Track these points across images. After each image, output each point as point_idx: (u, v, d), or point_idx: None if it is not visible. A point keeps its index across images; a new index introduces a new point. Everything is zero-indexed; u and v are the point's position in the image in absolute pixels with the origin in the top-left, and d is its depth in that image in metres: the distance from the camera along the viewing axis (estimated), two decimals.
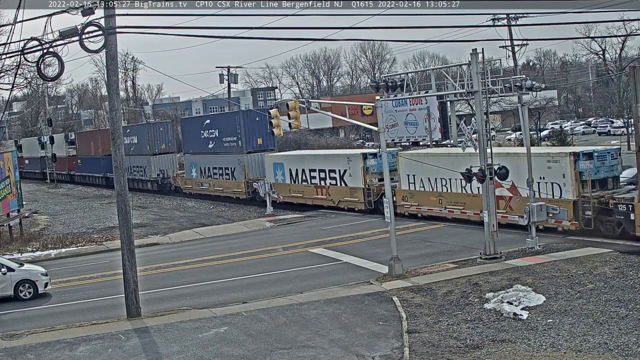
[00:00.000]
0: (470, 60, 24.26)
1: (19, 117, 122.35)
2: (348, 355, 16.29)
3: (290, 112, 26.99)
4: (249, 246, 32.35)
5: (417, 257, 26.11)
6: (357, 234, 32.52)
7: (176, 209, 50.82)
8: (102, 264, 30.83)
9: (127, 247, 21.09)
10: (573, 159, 27.06)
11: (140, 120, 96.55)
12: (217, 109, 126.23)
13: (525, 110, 26.17)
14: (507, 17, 58.62)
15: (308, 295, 21.92)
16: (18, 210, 41.37)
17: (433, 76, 27.43)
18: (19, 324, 21.65)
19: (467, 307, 19.19)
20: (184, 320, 20.02)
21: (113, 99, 21.25)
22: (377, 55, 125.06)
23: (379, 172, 35.50)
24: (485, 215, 24.53)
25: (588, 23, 62.07)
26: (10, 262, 25.73)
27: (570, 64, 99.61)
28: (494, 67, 28.31)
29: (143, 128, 62.70)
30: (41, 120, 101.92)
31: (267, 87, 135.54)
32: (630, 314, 17.20)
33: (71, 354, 17.89)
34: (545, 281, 20.66)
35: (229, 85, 75.03)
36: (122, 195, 21.10)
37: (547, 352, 15.41)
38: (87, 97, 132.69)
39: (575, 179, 26.92)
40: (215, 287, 24.75)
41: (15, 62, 30.45)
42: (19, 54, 20.21)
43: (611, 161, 27.65)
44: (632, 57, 77.04)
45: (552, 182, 27.72)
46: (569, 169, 27.03)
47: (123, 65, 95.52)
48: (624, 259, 22.33)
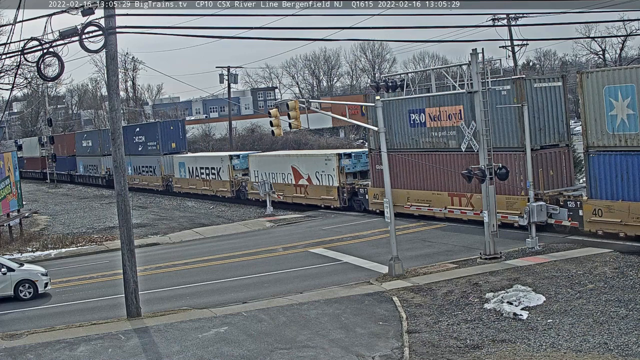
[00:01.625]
0: (470, 60, 24.25)
1: (19, 117, 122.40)
2: (348, 355, 16.30)
3: (290, 112, 26.98)
4: (249, 246, 32.35)
5: (417, 257, 26.12)
6: (357, 234, 32.53)
7: (176, 209, 50.84)
8: (102, 264, 30.84)
9: (127, 247, 21.09)
10: (338, 158, 39.54)
11: (140, 120, 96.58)
12: (217, 109, 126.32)
13: (525, 110, 26.18)
14: (507, 17, 58.50)
15: (308, 295, 21.93)
16: (18, 210, 41.39)
17: (433, 76, 27.42)
18: (19, 324, 21.66)
19: (467, 307, 19.19)
20: (184, 320, 20.02)
21: (113, 99, 21.24)
22: (377, 55, 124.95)
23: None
24: (485, 215, 24.53)
25: (588, 23, 62.01)
26: (10, 262, 25.73)
27: (570, 64, 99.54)
28: (494, 67, 28.31)
29: (95, 134, 73.92)
30: (41, 120, 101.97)
31: (267, 87, 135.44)
32: (630, 314, 17.20)
33: (71, 354, 17.89)
34: (545, 281, 20.66)
35: (229, 85, 75.00)
36: (122, 195, 21.10)
37: (547, 352, 15.41)
38: (87, 97, 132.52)
39: (339, 172, 39.40)
40: (215, 287, 24.75)
41: (15, 62, 30.48)
42: (19, 54, 20.22)
43: (365, 159, 38.74)
44: (632, 57, 76.95)
45: (328, 174, 40.17)
46: (335, 165, 39.46)
47: (123, 65, 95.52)
48: (624, 259, 22.33)
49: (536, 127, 28.59)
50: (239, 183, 48.88)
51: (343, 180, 39.65)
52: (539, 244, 25.12)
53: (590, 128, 25.08)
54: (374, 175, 36.86)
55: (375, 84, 27.50)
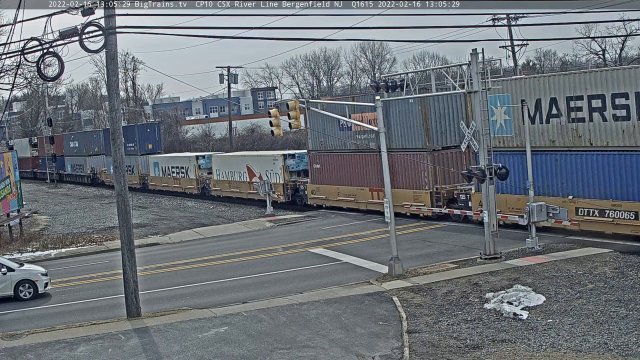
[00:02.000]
0: (470, 60, 24.25)
1: (19, 117, 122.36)
2: (348, 355, 16.30)
3: (290, 112, 26.98)
4: (249, 246, 32.35)
5: (417, 257, 26.12)
6: (357, 234, 32.53)
7: (176, 209, 50.87)
8: (102, 264, 30.84)
9: (127, 247, 21.08)
10: (284, 158, 44.23)
11: (140, 120, 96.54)
12: (217, 109, 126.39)
13: (525, 110, 26.18)
14: (507, 17, 58.48)
15: (308, 295, 21.92)
16: (18, 210, 41.39)
17: (433, 76, 27.41)
18: (19, 324, 21.66)
19: (467, 307, 19.19)
20: (184, 320, 20.02)
21: (113, 99, 21.24)
22: (377, 55, 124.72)
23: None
24: (485, 215, 24.54)
25: (588, 23, 61.81)
26: (10, 262, 25.74)
27: (570, 64, 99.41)
28: (494, 67, 28.36)
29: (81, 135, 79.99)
30: (41, 120, 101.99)
31: (267, 87, 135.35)
32: (630, 314, 17.20)
33: (71, 354, 17.89)
34: (545, 281, 20.66)
35: (229, 85, 75.05)
36: (122, 195, 21.10)
37: (547, 352, 15.41)
38: (87, 97, 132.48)
39: (284, 170, 44.01)
40: (215, 287, 24.76)
41: (15, 62, 30.46)
42: (19, 54, 20.22)
43: (306, 159, 42.83)
44: (632, 57, 76.84)
45: (275, 172, 44.65)
46: (281, 164, 44.08)
47: (123, 65, 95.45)
48: (624, 259, 22.33)
49: (438, 131, 33.37)
50: (203, 181, 53.90)
51: (287, 178, 44.33)
52: (539, 244, 25.11)
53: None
54: (312, 174, 41.88)
55: (375, 84, 27.49)
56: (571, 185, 26.16)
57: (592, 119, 25.02)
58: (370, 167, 36.33)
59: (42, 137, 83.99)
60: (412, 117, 33.75)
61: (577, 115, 25.51)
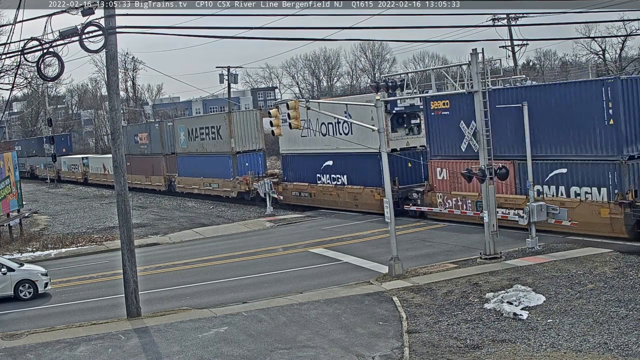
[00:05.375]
0: (470, 60, 24.25)
1: (19, 117, 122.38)
2: (348, 355, 16.30)
3: (290, 112, 26.96)
4: (249, 246, 32.35)
5: (417, 257, 26.11)
6: (357, 234, 32.53)
7: (176, 209, 50.87)
8: (102, 264, 30.84)
9: (127, 247, 21.08)
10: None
11: (140, 120, 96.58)
12: (217, 109, 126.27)
13: (525, 109, 26.18)
14: (507, 17, 58.44)
15: (308, 295, 21.92)
16: (18, 210, 41.40)
17: (433, 76, 27.47)
18: (19, 324, 21.66)
19: (467, 307, 19.18)
20: (184, 320, 20.02)
21: (113, 99, 21.24)
22: (377, 55, 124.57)
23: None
24: (485, 215, 24.53)
25: (588, 23, 61.69)
26: (10, 262, 25.73)
27: (570, 64, 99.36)
28: (494, 67, 28.37)
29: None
30: (41, 120, 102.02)
31: (267, 87, 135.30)
32: (630, 314, 17.20)
33: (71, 354, 17.89)
34: (545, 281, 20.66)
35: (229, 85, 74.94)
36: (122, 195, 21.09)
37: (547, 352, 15.41)
38: (87, 97, 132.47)
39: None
40: (215, 287, 24.75)
41: (15, 62, 30.42)
42: (19, 54, 20.21)
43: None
44: (632, 57, 76.77)
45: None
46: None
47: (123, 65, 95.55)
48: (624, 259, 22.33)
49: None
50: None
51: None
52: (539, 244, 25.12)
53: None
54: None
55: (375, 84, 27.52)
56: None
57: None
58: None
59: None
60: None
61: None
